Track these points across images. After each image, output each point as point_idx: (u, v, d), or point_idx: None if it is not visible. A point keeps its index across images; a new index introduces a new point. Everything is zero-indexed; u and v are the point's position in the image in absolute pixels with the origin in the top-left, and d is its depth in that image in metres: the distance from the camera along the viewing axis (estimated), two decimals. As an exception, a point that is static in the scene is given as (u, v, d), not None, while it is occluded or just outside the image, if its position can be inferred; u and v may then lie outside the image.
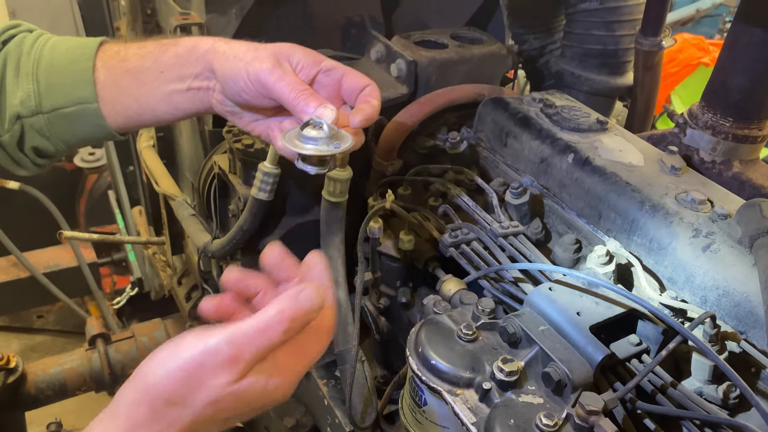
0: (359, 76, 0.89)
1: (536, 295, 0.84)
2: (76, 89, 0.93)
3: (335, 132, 0.81)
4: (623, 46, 1.41)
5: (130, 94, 0.94)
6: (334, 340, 1.26)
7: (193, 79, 0.92)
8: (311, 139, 0.80)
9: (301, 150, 0.80)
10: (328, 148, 0.80)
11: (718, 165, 1.14)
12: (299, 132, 0.81)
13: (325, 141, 0.80)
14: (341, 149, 0.80)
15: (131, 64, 0.94)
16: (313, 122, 0.80)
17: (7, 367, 1.81)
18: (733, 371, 0.73)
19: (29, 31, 0.99)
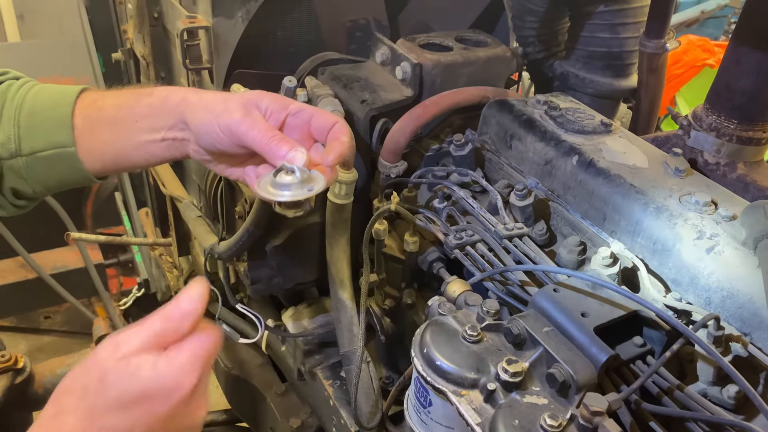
0: (327, 115, 0.93)
1: (541, 296, 0.84)
2: (54, 133, 0.96)
3: (307, 175, 0.84)
4: (628, 48, 1.41)
5: (107, 142, 0.97)
6: (340, 341, 1.27)
7: (167, 130, 0.94)
8: (285, 185, 0.83)
9: (276, 198, 0.83)
10: (302, 192, 0.83)
11: (722, 167, 1.14)
12: (273, 179, 0.84)
13: (299, 185, 0.83)
14: (314, 191, 0.84)
15: (107, 113, 0.96)
16: (285, 168, 0.83)
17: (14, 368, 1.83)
18: (737, 373, 0.74)
19: (15, 78, 1.02)
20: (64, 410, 0.71)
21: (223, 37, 1.42)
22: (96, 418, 0.70)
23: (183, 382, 0.72)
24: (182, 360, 0.73)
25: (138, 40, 1.87)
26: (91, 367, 0.72)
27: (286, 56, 1.52)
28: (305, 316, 1.49)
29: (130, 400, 0.70)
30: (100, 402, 0.70)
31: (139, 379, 0.71)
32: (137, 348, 0.72)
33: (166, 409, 0.72)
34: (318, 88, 1.29)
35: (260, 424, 1.67)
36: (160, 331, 0.74)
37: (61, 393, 0.72)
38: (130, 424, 0.71)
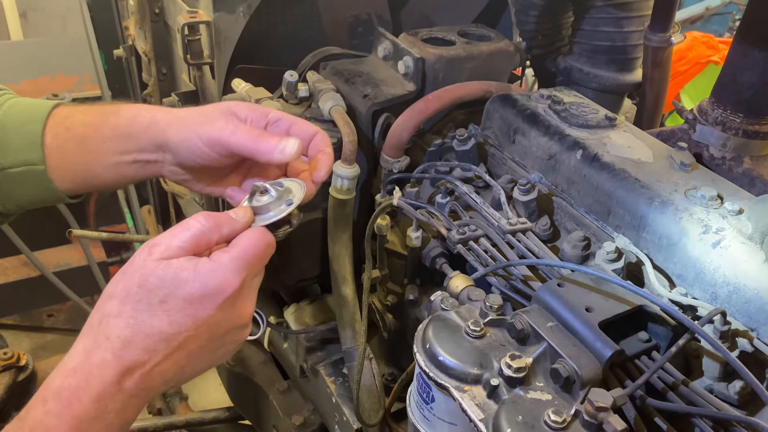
0: (307, 125, 0.91)
1: (544, 291, 0.84)
2: (24, 151, 0.94)
3: (282, 189, 0.82)
4: (632, 42, 1.40)
5: (77, 161, 0.95)
6: (342, 338, 1.26)
7: (137, 152, 0.93)
8: (264, 207, 0.80)
9: (260, 223, 0.80)
10: (282, 208, 0.81)
11: (728, 161, 1.13)
12: (250, 205, 0.81)
13: (277, 203, 0.81)
14: (294, 204, 0.81)
15: (76, 131, 0.94)
16: (257, 189, 0.81)
17: (17, 365, 1.83)
18: (744, 368, 0.73)
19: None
20: (108, 314, 0.70)
21: (224, 32, 1.41)
22: (141, 324, 0.69)
23: (225, 284, 0.71)
24: (224, 261, 0.72)
25: (139, 36, 1.87)
26: (130, 272, 0.71)
27: (287, 51, 1.51)
28: (307, 312, 1.48)
29: (173, 305, 0.70)
30: (142, 307, 0.70)
31: (180, 282, 0.70)
32: (176, 250, 0.72)
33: (210, 312, 0.71)
34: (320, 82, 1.29)
35: (263, 422, 1.67)
36: (198, 232, 0.73)
37: (103, 300, 0.72)
38: (175, 328, 0.70)
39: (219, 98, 1.47)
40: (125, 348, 0.69)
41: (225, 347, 0.78)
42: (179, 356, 0.72)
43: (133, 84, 2.18)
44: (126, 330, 0.69)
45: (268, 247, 0.78)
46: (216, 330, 0.74)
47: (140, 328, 0.69)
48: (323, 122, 1.28)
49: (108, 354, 0.69)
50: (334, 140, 1.24)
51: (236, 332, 0.77)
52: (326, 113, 1.25)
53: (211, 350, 0.76)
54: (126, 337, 0.69)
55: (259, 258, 0.76)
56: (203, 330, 0.72)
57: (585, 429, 0.68)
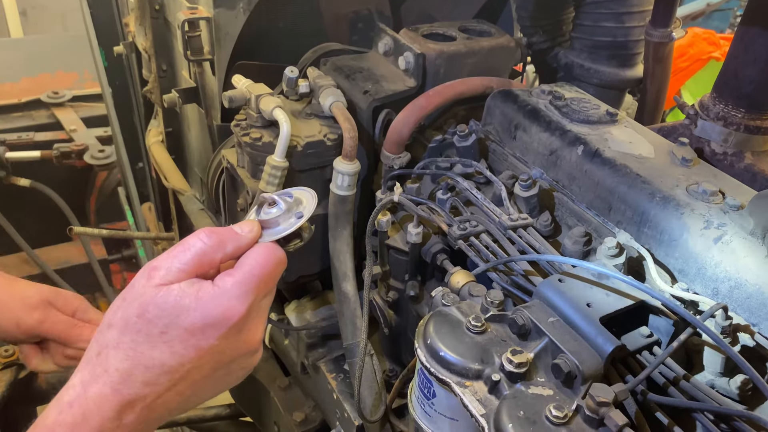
0: None
1: (546, 286, 0.83)
2: None
3: (291, 200, 0.77)
4: (633, 37, 1.40)
5: None
6: (343, 334, 1.26)
7: None
8: (272, 221, 0.75)
9: (270, 239, 0.75)
10: (292, 221, 0.76)
11: (729, 156, 1.12)
12: (257, 218, 0.76)
13: (286, 215, 0.76)
14: (305, 217, 0.76)
15: None
16: (265, 200, 0.76)
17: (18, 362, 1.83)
18: (746, 363, 0.73)
19: None
20: (107, 345, 0.66)
21: (224, 28, 1.41)
22: (140, 356, 0.65)
23: (230, 312, 0.67)
24: (228, 286, 0.67)
25: (139, 32, 1.87)
26: (129, 299, 0.68)
27: (288, 47, 1.51)
28: (308, 309, 1.48)
29: (174, 336, 0.66)
30: (142, 338, 0.66)
31: (181, 310, 0.66)
32: (176, 273, 0.67)
33: (214, 342, 0.67)
34: (320, 78, 1.28)
35: (264, 419, 1.67)
36: (200, 252, 0.69)
37: (102, 330, 0.68)
38: (177, 359, 0.66)
39: (219, 95, 1.47)
40: (124, 381, 0.65)
41: (233, 374, 0.74)
42: (183, 387, 0.68)
43: (134, 81, 2.18)
44: (125, 362, 0.65)
45: (278, 264, 0.73)
46: (221, 359, 0.70)
47: (140, 360, 0.65)
48: (324, 118, 1.28)
49: (106, 388, 0.65)
50: (335, 136, 1.24)
51: (244, 359, 0.73)
52: (327, 109, 1.25)
53: (216, 379, 0.72)
54: (125, 370, 0.65)
55: (268, 278, 0.71)
56: (207, 360, 0.68)
57: (586, 424, 0.68)
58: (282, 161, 1.18)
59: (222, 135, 1.54)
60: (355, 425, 1.27)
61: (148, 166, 2.36)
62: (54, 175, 3.04)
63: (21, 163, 2.94)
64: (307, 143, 1.22)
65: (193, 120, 1.78)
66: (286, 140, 1.17)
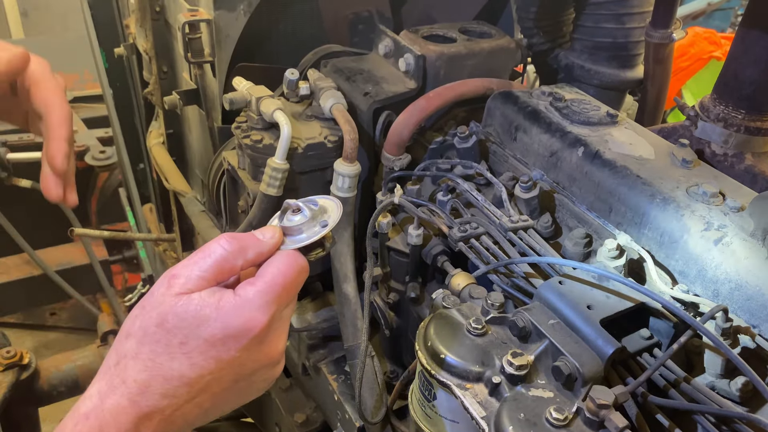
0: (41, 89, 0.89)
1: (546, 288, 0.84)
2: None
3: (316, 209, 0.75)
4: (633, 38, 1.40)
5: None
6: (344, 335, 1.26)
7: None
8: (295, 228, 0.73)
9: (290, 246, 0.72)
10: (316, 230, 0.73)
11: (730, 158, 1.12)
12: (279, 225, 0.73)
13: (310, 224, 0.73)
14: (329, 226, 0.73)
15: None
16: (289, 207, 0.74)
17: (20, 364, 1.84)
18: (746, 365, 0.73)
19: None
20: (125, 355, 0.65)
21: (224, 30, 1.41)
22: (159, 366, 0.64)
23: (251, 323, 0.65)
24: (250, 296, 0.66)
25: (140, 34, 1.87)
26: (148, 308, 0.66)
27: (288, 49, 1.51)
28: (309, 310, 1.48)
29: (193, 347, 0.64)
30: (161, 348, 0.64)
31: (201, 321, 0.64)
32: (196, 281, 0.66)
33: (235, 354, 0.66)
34: (320, 80, 1.28)
35: (265, 420, 1.67)
36: (220, 258, 0.67)
37: (120, 339, 0.67)
38: (197, 371, 0.64)
39: (220, 97, 1.47)
40: (143, 393, 0.63)
41: (254, 386, 0.72)
42: (202, 399, 0.67)
43: (134, 82, 2.18)
44: (144, 373, 0.64)
45: (300, 273, 0.71)
46: (242, 371, 0.68)
47: (159, 371, 0.64)
48: (324, 120, 1.28)
49: (124, 399, 0.63)
50: (336, 138, 1.24)
51: (265, 371, 0.71)
52: (327, 111, 1.25)
53: (237, 390, 0.70)
54: (143, 381, 0.64)
55: (291, 287, 0.69)
56: (227, 372, 0.67)
57: (587, 426, 0.68)
58: (283, 163, 1.18)
59: (223, 137, 1.54)
60: (356, 426, 1.27)
61: (149, 167, 2.36)
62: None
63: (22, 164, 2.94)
64: (308, 145, 1.23)
65: (193, 122, 1.78)
66: (287, 142, 1.17)
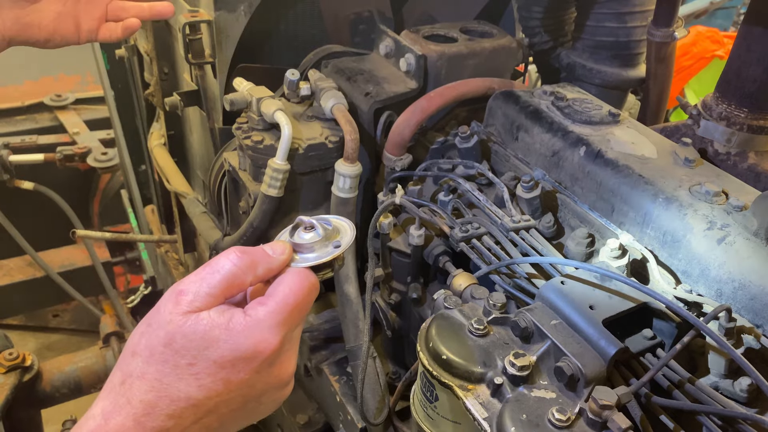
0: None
1: (548, 289, 0.83)
2: None
3: (330, 229, 0.73)
4: (635, 37, 1.39)
5: None
6: (346, 336, 1.26)
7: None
8: (307, 246, 0.70)
9: (299, 265, 0.70)
10: (327, 250, 0.71)
11: (732, 156, 1.12)
12: (290, 241, 0.71)
13: (322, 243, 0.71)
14: (342, 248, 0.71)
15: None
16: (302, 223, 0.72)
17: (22, 366, 1.83)
18: (749, 365, 0.72)
19: None
20: (131, 374, 0.63)
21: (225, 31, 1.41)
22: (167, 387, 0.62)
23: (262, 345, 0.64)
24: (261, 316, 0.64)
25: (141, 35, 1.87)
26: (155, 325, 0.64)
27: (289, 50, 1.51)
28: (311, 311, 1.48)
29: (202, 368, 0.63)
30: (168, 369, 0.62)
31: (210, 342, 0.63)
32: (205, 298, 0.64)
33: (244, 376, 0.64)
34: (321, 81, 1.28)
35: (267, 421, 1.67)
36: (229, 274, 0.65)
37: (125, 357, 0.65)
38: (205, 393, 0.63)
39: (220, 98, 1.47)
40: (148, 414, 0.62)
41: (262, 407, 0.70)
42: (209, 421, 0.65)
43: (136, 84, 2.18)
44: (150, 394, 0.62)
45: (311, 292, 0.68)
46: (251, 393, 0.67)
47: (166, 392, 0.62)
48: (325, 120, 1.27)
49: (129, 420, 0.61)
50: (337, 138, 1.24)
51: (275, 392, 0.70)
52: (328, 111, 1.25)
53: (246, 412, 0.69)
54: (149, 402, 0.62)
55: (302, 307, 0.67)
56: (236, 394, 0.65)
57: (589, 427, 0.68)
58: (284, 164, 1.18)
59: (224, 138, 1.54)
60: (358, 428, 1.27)
61: (151, 168, 2.36)
62: (57, 178, 3.05)
63: (24, 166, 2.95)
64: (309, 146, 1.22)
65: (194, 123, 1.78)
66: (288, 143, 1.17)
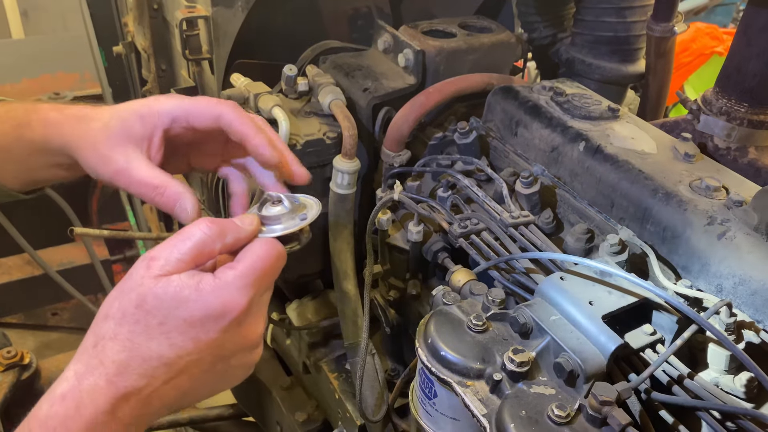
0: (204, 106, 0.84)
1: (547, 284, 0.83)
2: None
3: (298, 203, 0.77)
4: (635, 32, 1.39)
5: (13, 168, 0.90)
6: (344, 333, 1.25)
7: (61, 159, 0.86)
8: (274, 218, 0.75)
9: (267, 234, 0.73)
10: (294, 222, 0.75)
11: (733, 151, 1.11)
12: (258, 213, 0.75)
13: (289, 216, 0.75)
14: (308, 220, 0.76)
15: None
16: (270, 198, 0.76)
17: (21, 364, 1.83)
18: (751, 360, 0.72)
19: None
20: (103, 336, 0.65)
21: (222, 27, 1.40)
22: (138, 347, 0.64)
23: (231, 305, 0.67)
24: (229, 279, 0.67)
25: (138, 32, 1.86)
26: (126, 290, 0.66)
27: (287, 45, 1.50)
28: (310, 308, 1.47)
29: (172, 327, 0.65)
30: (140, 329, 0.65)
31: (181, 301, 0.65)
32: (175, 263, 0.67)
33: (214, 335, 0.67)
34: (319, 76, 1.27)
35: (266, 419, 1.66)
36: (199, 242, 0.68)
37: (98, 321, 0.67)
38: (176, 351, 0.65)
39: (218, 93, 1.46)
40: (120, 374, 0.64)
41: (232, 371, 0.73)
42: (180, 381, 0.67)
43: (133, 80, 2.18)
44: (122, 354, 0.64)
45: (278, 260, 0.72)
46: (221, 353, 0.69)
47: (137, 351, 0.64)
48: (323, 116, 1.27)
49: (101, 380, 0.63)
50: (335, 134, 1.23)
51: (244, 355, 0.72)
52: (326, 107, 1.24)
53: (216, 374, 0.71)
54: (122, 362, 0.64)
55: (269, 273, 0.71)
56: (206, 354, 0.67)
57: (589, 423, 0.67)
58: (281, 160, 1.17)
59: (222, 134, 1.53)
60: (357, 425, 1.27)
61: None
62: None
63: (22, 164, 2.94)
64: (307, 142, 1.22)
65: (193, 120, 1.77)
66: (285, 139, 1.17)
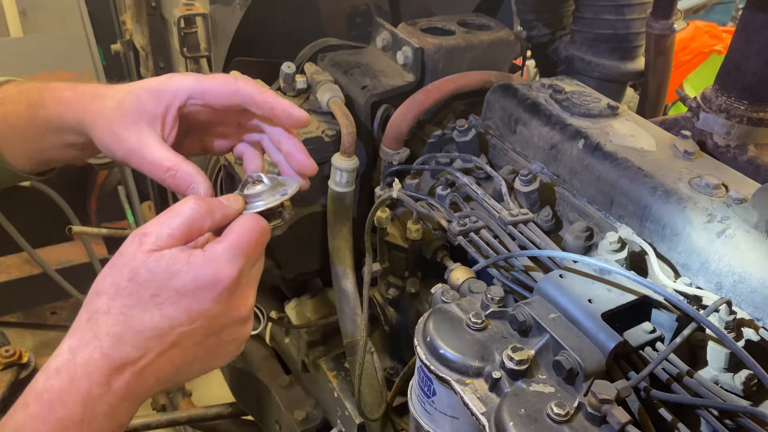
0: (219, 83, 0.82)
1: (546, 282, 0.82)
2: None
3: (276, 181, 0.80)
4: (634, 30, 1.38)
5: (27, 147, 0.89)
6: (343, 332, 1.25)
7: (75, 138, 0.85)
8: (255, 195, 0.77)
9: (250, 210, 0.76)
10: (275, 198, 0.78)
11: (732, 149, 1.11)
12: (240, 193, 0.78)
13: (270, 192, 0.78)
14: (288, 194, 0.78)
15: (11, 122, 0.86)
16: (251, 178, 0.78)
17: (19, 363, 1.82)
18: (750, 358, 0.71)
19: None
20: (97, 311, 0.66)
21: (220, 25, 1.40)
22: (132, 319, 0.66)
23: (221, 275, 0.68)
24: (219, 251, 0.69)
25: (136, 30, 1.86)
26: (119, 265, 0.68)
27: (285, 43, 1.50)
28: (308, 307, 1.47)
29: (165, 298, 0.67)
30: (133, 302, 0.66)
31: (173, 274, 0.67)
32: (166, 239, 0.68)
33: (206, 305, 0.68)
34: (318, 74, 1.27)
35: (265, 417, 1.66)
36: (188, 218, 0.70)
37: (91, 297, 0.68)
38: (168, 323, 0.67)
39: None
40: (114, 346, 0.65)
41: (224, 346, 0.74)
42: (174, 354, 0.69)
43: (132, 78, 2.17)
44: (116, 327, 0.66)
45: (263, 233, 0.74)
46: (213, 325, 0.70)
47: (131, 324, 0.66)
48: (322, 114, 1.26)
49: (96, 353, 0.65)
50: (333, 132, 1.23)
51: (235, 328, 0.73)
52: (324, 105, 1.24)
53: (208, 348, 0.72)
54: (116, 334, 0.65)
55: (255, 245, 0.73)
56: (199, 325, 0.69)
57: (588, 421, 0.67)
58: (280, 158, 1.17)
59: (220, 132, 1.53)
60: (356, 423, 1.26)
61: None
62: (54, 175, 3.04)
63: (21, 162, 2.93)
64: (305, 139, 1.21)
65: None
66: (284, 137, 1.16)
